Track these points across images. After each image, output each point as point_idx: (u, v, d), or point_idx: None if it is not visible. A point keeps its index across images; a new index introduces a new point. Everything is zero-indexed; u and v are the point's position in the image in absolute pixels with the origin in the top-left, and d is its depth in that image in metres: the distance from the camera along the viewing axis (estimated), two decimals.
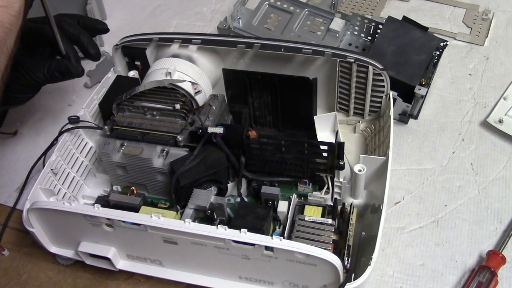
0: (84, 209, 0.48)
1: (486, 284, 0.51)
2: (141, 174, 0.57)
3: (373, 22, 0.74)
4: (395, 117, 0.66)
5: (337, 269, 0.44)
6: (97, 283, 0.57)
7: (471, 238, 0.57)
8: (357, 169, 0.54)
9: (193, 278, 0.52)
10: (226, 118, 0.61)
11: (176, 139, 0.56)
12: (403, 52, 0.67)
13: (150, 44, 0.64)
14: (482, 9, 0.80)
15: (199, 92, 0.59)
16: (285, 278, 0.49)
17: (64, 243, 0.55)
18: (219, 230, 0.45)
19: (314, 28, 0.75)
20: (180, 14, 0.87)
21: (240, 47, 0.61)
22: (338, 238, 0.52)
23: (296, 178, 0.56)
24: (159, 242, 0.49)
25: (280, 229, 0.55)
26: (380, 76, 0.59)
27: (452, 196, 0.61)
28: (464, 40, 0.77)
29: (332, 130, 0.63)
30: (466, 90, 0.71)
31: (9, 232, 0.61)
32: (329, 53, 0.59)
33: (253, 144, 0.55)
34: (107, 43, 0.80)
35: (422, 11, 0.82)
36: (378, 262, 0.55)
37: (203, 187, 0.55)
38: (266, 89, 0.61)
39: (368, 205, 0.57)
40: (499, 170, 0.62)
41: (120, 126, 0.58)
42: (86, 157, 0.62)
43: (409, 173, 0.63)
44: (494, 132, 0.66)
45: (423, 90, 0.63)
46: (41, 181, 0.56)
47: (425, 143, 0.66)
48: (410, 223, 0.59)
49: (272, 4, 0.78)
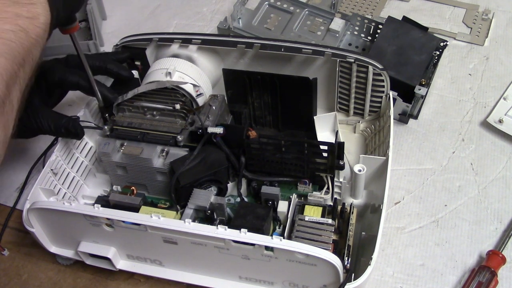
0: (84, 209, 0.48)
1: (486, 284, 0.51)
2: (141, 174, 0.57)
3: (373, 22, 0.74)
4: (395, 117, 0.66)
5: (337, 269, 0.44)
6: (97, 283, 0.57)
7: (471, 238, 0.57)
8: (357, 169, 0.54)
9: (193, 278, 0.52)
10: (226, 118, 0.61)
11: (176, 139, 0.56)
12: (403, 52, 0.67)
13: (150, 44, 0.64)
14: (482, 9, 0.80)
15: (201, 95, 0.59)
16: (285, 278, 0.49)
17: (64, 243, 0.55)
18: (219, 230, 0.45)
19: (314, 28, 0.75)
20: (180, 14, 0.87)
21: (240, 47, 0.61)
22: (338, 238, 0.52)
23: (296, 178, 0.56)
24: (159, 242, 0.49)
25: (280, 229, 0.55)
26: (380, 76, 0.59)
27: (452, 196, 0.61)
28: (464, 40, 0.77)
29: (332, 130, 0.63)
30: (466, 90, 0.71)
31: (9, 232, 0.61)
32: (329, 53, 0.59)
33: (253, 144, 0.55)
34: (107, 43, 0.80)
35: (422, 11, 0.81)
36: (378, 262, 0.55)
37: (203, 187, 0.55)
38: (266, 89, 0.61)
39: (368, 205, 0.57)
40: (499, 170, 0.62)
41: (120, 126, 0.58)
42: (86, 157, 0.62)
43: (409, 173, 0.63)
44: (494, 132, 0.66)
45: (423, 90, 0.63)
46: (41, 181, 0.56)
47: (425, 143, 0.66)
48: (410, 223, 0.59)
49: (272, 4, 0.78)
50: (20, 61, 0.38)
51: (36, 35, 0.39)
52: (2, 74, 0.36)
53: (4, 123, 0.37)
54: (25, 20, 0.38)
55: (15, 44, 0.37)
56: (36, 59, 0.41)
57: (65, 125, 0.55)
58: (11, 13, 0.38)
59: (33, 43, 0.39)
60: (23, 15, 0.38)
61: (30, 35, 0.39)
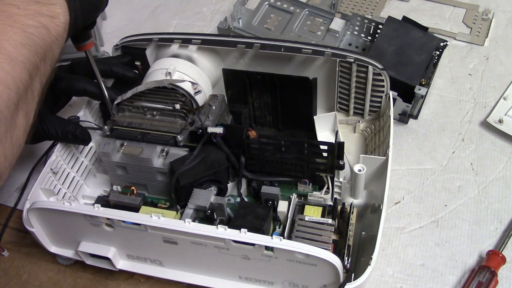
0: (84, 209, 0.48)
1: (486, 284, 0.51)
2: (141, 174, 0.57)
3: (373, 22, 0.74)
4: (395, 117, 0.66)
5: (337, 269, 0.44)
6: (97, 283, 0.57)
7: (471, 238, 0.57)
8: (357, 169, 0.54)
9: (193, 278, 0.52)
10: (226, 118, 0.61)
11: (176, 139, 0.56)
12: (403, 52, 0.67)
13: (150, 44, 0.64)
14: (482, 9, 0.80)
15: (199, 92, 0.59)
16: (285, 278, 0.49)
17: (64, 243, 0.55)
18: (219, 230, 0.45)
19: (314, 28, 0.75)
20: (180, 14, 0.87)
21: (240, 47, 0.61)
22: (338, 238, 0.52)
23: (296, 178, 0.56)
24: (159, 242, 0.49)
25: (280, 229, 0.55)
26: (380, 76, 0.59)
27: (452, 196, 0.61)
28: (464, 40, 0.77)
29: (332, 130, 0.63)
30: (466, 90, 0.71)
31: (9, 232, 0.61)
32: (328, 53, 0.59)
33: (253, 144, 0.55)
34: (107, 43, 0.80)
35: (422, 11, 0.81)
36: (378, 262, 0.55)
37: (203, 187, 0.55)
38: (266, 89, 0.61)
39: (368, 205, 0.57)
40: (499, 170, 0.62)
41: (120, 126, 0.58)
42: (86, 157, 0.63)
43: (409, 173, 0.63)
44: (494, 132, 0.66)
45: (423, 90, 0.63)
46: (41, 181, 0.56)
47: (425, 143, 0.66)
48: (410, 223, 0.59)
49: (272, 4, 0.78)
50: (41, 55, 0.40)
51: (57, 33, 0.41)
52: (25, 63, 0.38)
53: (27, 111, 0.39)
54: (46, 18, 0.40)
55: (37, 38, 0.39)
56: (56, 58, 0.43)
57: (72, 131, 0.56)
58: (33, 10, 0.40)
59: (54, 40, 0.41)
60: (44, 13, 0.40)
61: (51, 32, 0.41)
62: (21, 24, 0.38)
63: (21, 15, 0.39)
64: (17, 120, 0.38)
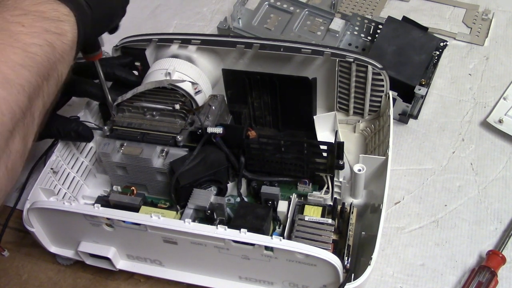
0: (84, 209, 0.48)
1: (486, 284, 0.51)
2: (141, 174, 0.57)
3: (373, 22, 0.74)
4: (395, 117, 0.66)
5: (337, 269, 0.44)
6: (97, 283, 0.57)
7: (471, 238, 0.57)
8: (357, 168, 0.54)
9: (193, 278, 0.52)
10: (226, 118, 0.61)
11: (175, 139, 0.56)
12: (403, 52, 0.67)
13: (150, 45, 0.64)
14: (482, 9, 0.80)
15: (199, 92, 0.59)
16: (285, 278, 0.49)
17: (64, 243, 0.55)
18: (219, 230, 0.45)
19: (314, 28, 0.75)
20: (180, 14, 0.87)
21: (239, 47, 0.61)
22: (338, 238, 0.52)
23: (296, 178, 0.56)
24: (159, 242, 0.49)
25: (280, 229, 0.55)
26: (380, 75, 0.59)
27: (452, 196, 0.61)
28: (464, 40, 0.77)
29: (332, 129, 0.63)
30: (466, 90, 0.71)
31: (9, 232, 0.61)
32: (328, 53, 0.59)
33: (253, 144, 0.55)
34: (107, 43, 0.79)
35: (422, 11, 0.81)
36: (378, 262, 0.55)
37: (203, 187, 0.55)
38: (265, 89, 0.61)
39: (368, 205, 0.57)
40: (499, 170, 0.62)
41: (120, 127, 0.58)
42: (86, 157, 0.63)
43: (409, 173, 0.63)
44: (494, 132, 0.66)
45: (423, 90, 0.63)
46: (41, 181, 0.56)
47: (425, 143, 0.66)
48: (410, 223, 0.59)
49: (272, 4, 0.78)
50: (44, 74, 0.39)
51: (63, 51, 0.40)
52: (24, 86, 0.36)
53: (24, 135, 0.38)
54: (53, 35, 0.39)
55: (40, 58, 0.38)
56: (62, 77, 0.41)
57: (75, 129, 0.56)
58: (39, 28, 0.39)
59: (59, 58, 0.40)
60: (51, 30, 0.39)
61: (57, 50, 0.40)
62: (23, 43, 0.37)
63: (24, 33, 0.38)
64: (12, 146, 0.36)
